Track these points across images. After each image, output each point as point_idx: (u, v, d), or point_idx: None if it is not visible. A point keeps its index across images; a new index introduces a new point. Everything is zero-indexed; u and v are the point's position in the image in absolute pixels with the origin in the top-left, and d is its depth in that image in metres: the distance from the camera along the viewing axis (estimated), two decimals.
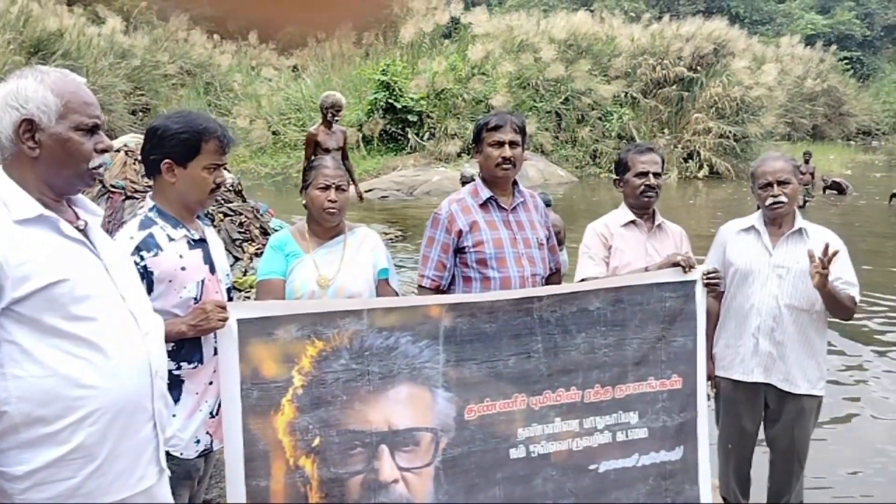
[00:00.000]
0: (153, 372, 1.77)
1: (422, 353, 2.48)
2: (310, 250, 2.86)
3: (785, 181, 3.04)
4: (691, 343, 2.90)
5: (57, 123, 1.70)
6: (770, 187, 3.05)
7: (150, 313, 1.89)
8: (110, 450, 1.67)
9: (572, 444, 2.69)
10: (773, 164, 3.08)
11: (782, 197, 3.03)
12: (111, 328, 1.69)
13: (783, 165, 3.07)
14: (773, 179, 3.04)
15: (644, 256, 3.09)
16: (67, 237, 1.71)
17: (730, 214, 17.83)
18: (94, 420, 1.63)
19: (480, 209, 2.95)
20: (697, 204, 19.91)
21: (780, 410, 3.12)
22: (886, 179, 22.62)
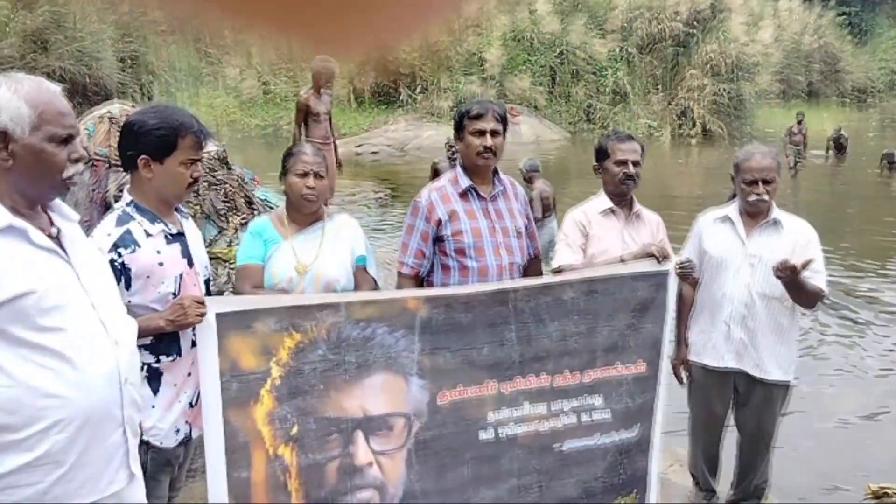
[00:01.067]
0: (122, 380, 1.81)
1: (398, 343, 2.54)
2: (288, 236, 2.89)
3: (770, 180, 3.08)
4: (658, 330, 3.00)
5: (31, 135, 1.70)
6: (755, 185, 3.09)
7: (122, 318, 1.91)
8: (77, 457, 1.71)
9: (539, 426, 2.79)
10: (761, 161, 3.11)
11: (765, 196, 3.08)
12: (79, 338, 1.72)
13: (770, 164, 3.10)
14: (759, 177, 3.08)
15: (620, 244, 3.14)
16: (37, 246, 1.72)
17: (721, 180, 17.76)
18: (61, 429, 1.67)
19: (460, 198, 2.97)
20: (689, 167, 19.90)
21: (749, 395, 3.22)
22: (879, 140, 22.55)
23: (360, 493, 2.47)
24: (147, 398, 2.30)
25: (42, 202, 1.82)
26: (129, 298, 2.23)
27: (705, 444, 3.42)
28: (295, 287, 2.81)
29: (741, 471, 3.37)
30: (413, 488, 2.56)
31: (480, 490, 2.68)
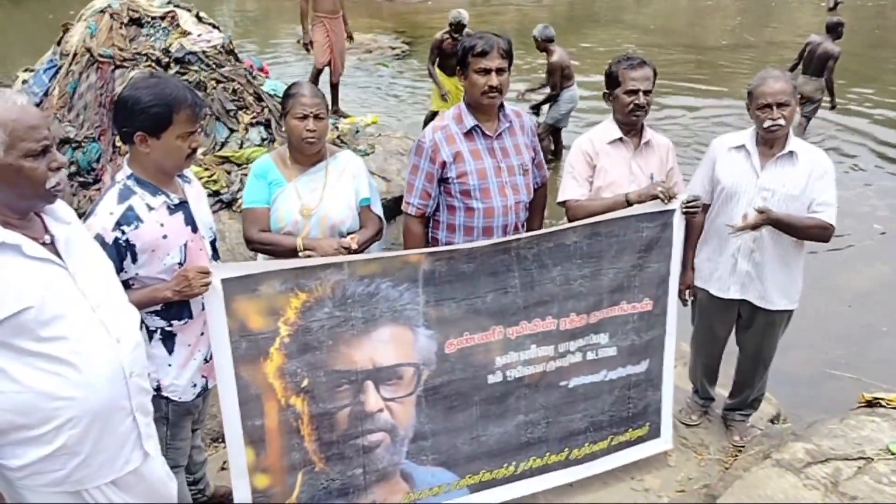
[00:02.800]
0: (127, 374, 1.91)
1: (402, 297, 2.61)
2: (292, 178, 2.89)
3: (784, 103, 2.95)
4: (665, 268, 3.01)
5: (6, 155, 1.70)
6: (769, 109, 2.96)
7: (123, 313, 1.98)
8: (92, 446, 1.87)
9: (546, 366, 2.90)
10: (774, 84, 2.96)
11: (781, 120, 2.95)
12: (81, 343, 1.81)
13: (783, 86, 2.95)
14: (773, 101, 2.95)
15: (628, 175, 3.09)
16: (31, 258, 1.77)
17: (760, 13, 16.70)
18: (73, 425, 1.82)
19: (465, 138, 2.91)
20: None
21: (751, 320, 3.28)
22: None
23: (371, 437, 2.65)
24: (163, 358, 2.44)
25: (32, 212, 1.85)
26: (137, 271, 2.30)
27: (706, 359, 3.55)
28: (300, 230, 2.86)
29: (739, 385, 3.51)
30: (423, 429, 2.73)
31: (489, 427, 2.85)
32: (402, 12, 17.04)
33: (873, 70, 10.57)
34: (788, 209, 3.03)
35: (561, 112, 7.60)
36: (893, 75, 11.56)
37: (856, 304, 5.60)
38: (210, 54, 5.08)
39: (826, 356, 4.96)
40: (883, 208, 7.37)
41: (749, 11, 17.28)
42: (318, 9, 7.04)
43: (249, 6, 19.70)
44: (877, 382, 4.61)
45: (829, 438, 3.16)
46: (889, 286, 5.84)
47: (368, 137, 6.21)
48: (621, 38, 14.67)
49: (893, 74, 11.58)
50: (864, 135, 9.41)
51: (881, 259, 6.28)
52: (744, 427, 3.54)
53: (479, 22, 14.64)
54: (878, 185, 7.95)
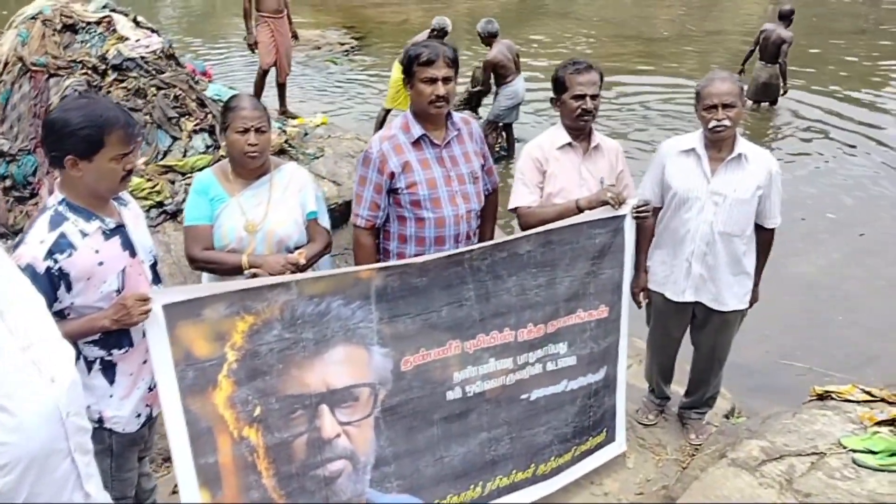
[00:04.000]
0: (63, 415, 1.81)
1: (354, 315, 2.54)
2: (235, 193, 2.81)
3: (730, 104, 2.96)
4: (618, 273, 3.01)
5: None
6: (714, 109, 2.98)
7: (56, 350, 1.88)
8: (29, 491, 1.76)
9: (506, 379, 2.86)
10: (721, 85, 2.98)
11: (726, 121, 2.97)
12: (13, 386, 1.71)
13: (730, 87, 2.97)
14: (719, 102, 2.96)
15: (578, 180, 3.07)
16: None
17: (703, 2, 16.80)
18: (8, 471, 1.71)
19: (413, 147, 2.86)
20: None
21: (706, 321, 3.32)
22: None
23: (331, 465, 2.55)
24: (104, 389, 2.34)
25: None
26: (72, 301, 2.19)
27: (662, 360, 3.57)
28: (245, 246, 2.78)
29: (695, 384, 3.54)
30: (384, 453, 2.65)
31: (452, 446, 2.78)
32: (350, 6, 16.83)
33: (808, 58, 10.84)
34: (739, 213, 3.08)
35: (502, 107, 7.56)
36: (824, 63, 11.84)
37: (807, 292, 5.71)
38: (149, 60, 4.91)
39: (779, 346, 5.06)
40: (833, 193, 7.53)
41: (693, 2, 17.52)
42: (261, 8, 6.89)
43: (194, 1, 19.27)
44: (829, 371, 4.73)
45: (782, 434, 3.20)
46: (839, 274, 5.97)
47: (318, 140, 6.09)
48: (569, 31, 14.72)
49: (824, 63, 11.87)
50: (802, 118, 9.65)
51: (832, 246, 6.42)
52: (700, 425, 3.57)
53: (428, 16, 14.55)
54: (826, 170, 8.12)
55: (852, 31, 12.29)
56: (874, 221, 6.87)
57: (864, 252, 6.30)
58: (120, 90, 4.73)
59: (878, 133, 9.15)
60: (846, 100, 10.28)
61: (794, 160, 8.42)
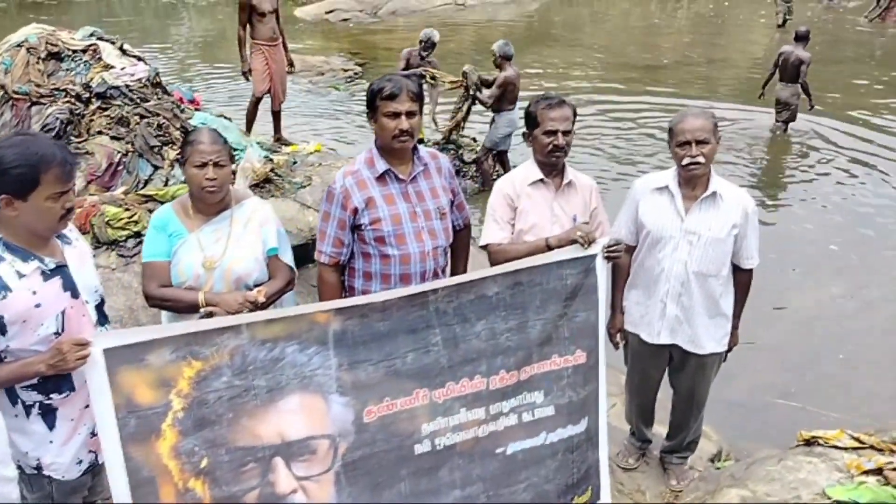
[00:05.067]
0: None
1: (311, 361, 2.42)
2: (194, 228, 2.74)
3: (703, 140, 2.88)
4: (594, 316, 2.87)
5: None
6: (688, 146, 2.89)
7: None
8: None
9: (478, 431, 2.70)
10: (693, 121, 2.89)
11: (700, 157, 2.88)
12: None
13: (703, 124, 2.88)
14: (692, 138, 2.87)
15: (550, 217, 2.98)
16: None
17: (710, 32, 16.91)
18: None
19: (377, 182, 2.78)
20: (679, 18, 19.04)
21: (683, 364, 3.20)
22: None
23: None
24: (43, 434, 2.26)
25: None
26: (7, 344, 2.12)
27: (641, 402, 3.45)
28: (203, 284, 2.70)
29: (675, 427, 3.43)
30: None
31: None
32: (356, 33, 16.96)
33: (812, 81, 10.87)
34: (714, 252, 2.98)
35: (499, 135, 7.49)
36: (823, 90, 11.73)
37: (803, 328, 5.57)
38: (134, 88, 4.89)
39: (773, 384, 4.91)
40: (838, 222, 7.39)
41: (700, 31, 17.52)
42: (256, 36, 6.88)
43: (207, 26, 19.44)
44: (822, 410, 4.58)
45: (765, 483, 3.07)
46: (838, 309, 5.82)
47: (308, 167, 6.03)
48: (575, 57, 14.72)
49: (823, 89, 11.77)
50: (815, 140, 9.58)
51: (831, 280, 6.27)
52: (681, 470, 3.44)
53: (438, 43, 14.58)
54: (831, 198, 7.99)
55: (855, 58, 12.19)
56: (877, 254, 6.71)
57: (864, 286, 6.15)
58: (103, 118, 4.71)
59: None
60: (863, 124, 10.18)
61: (803, 185, 8.35)
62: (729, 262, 3.03)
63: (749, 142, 9.74)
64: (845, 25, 17.13)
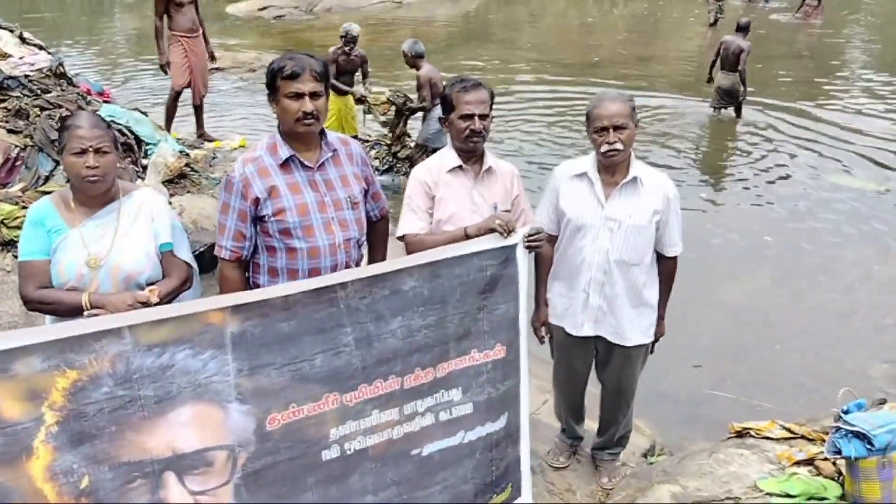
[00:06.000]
0: None
1: (206, 367, 2.20)
2: (76, 223, 2.48)
3: (621, 126, 2.76)
4: (513, 308, 2.73)
5: None
6: (605, 132, 2.78)
7: None
8: None
9: (392, 432, 2.53)
10: (610, 106, 2.78)
11: (618, 144, 2.77)
12: None
13: (620, 108, 2.77)
14: (609, 124, 2.76)
15: (470, 206, 2.83)
16: None
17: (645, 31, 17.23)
18: None
19: (280, 170, 2.57)
20: (615, 17, 19.23)
21: (608, 357, 3.10)
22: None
23: None
24: None
25: None
26: None
27: (569, 397, 3.34)
28: (87, 284, 2.45)
29: (604, 422, 3.32)
30: None
31: None
32: (291, 30, 16.59)
33: (758, 77, 11.11)
34: (635, 240, 2.88)
35: (431, 130, 7.32)
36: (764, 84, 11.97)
37: (737, 318, 5.56)
38: (34, 79, 4.56)
39: (706, 375, 4.88)
40: (774, 213, 7.44)
41: (635, 29, 17.72)
42: (174, 27, 6.55)
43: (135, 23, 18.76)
44: (755, 401, 4.55)
45: (696, 478, 2.98)
46: (769, 300, 5.84)
47: (230, 163, 5.77)
48: (512, 53, 14.69)
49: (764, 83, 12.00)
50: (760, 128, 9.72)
51: (764, 270, 6.29)
52: (613, 467, 3.34)
53: (371, 40, 14.35)
54: (770, 188, 8.06)
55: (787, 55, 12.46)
56: (809, 245, 6.77)
57: (795, 276, 6.20)
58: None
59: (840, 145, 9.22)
60: (802, 115, 10.38)
61: (742, 175, 8.44)
62: (652, 250, 2.94)
63: (688, 132, 9.85)
64: (770, 20, 17.57)
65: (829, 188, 7.91)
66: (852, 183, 7.98)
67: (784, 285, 6.05)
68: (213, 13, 17.91)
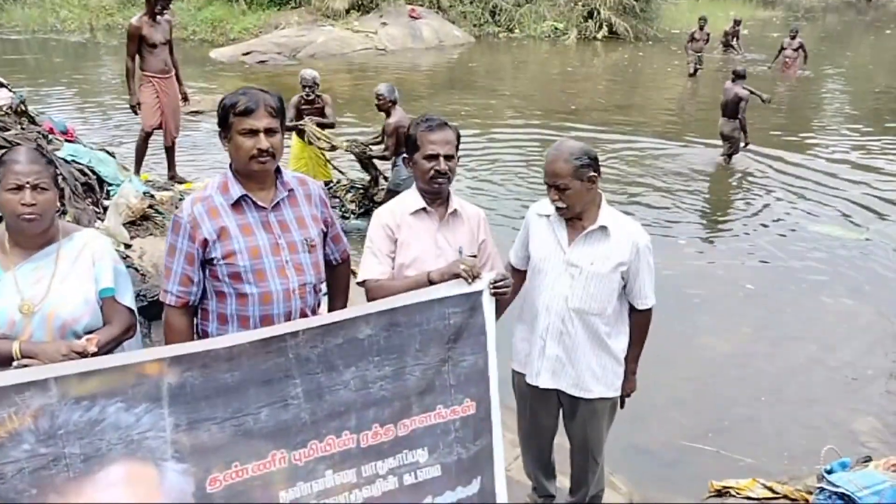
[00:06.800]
0: None
1: (140, 422, 2.03)
2: (10, 266, 2.32)
3: (560, 187, 2.70)
4: (482, 361, 2.56)
5: None
6: (551, 189, 2.74)
7: None
8: None
9: (350, 496, 2.34)
10: (551, 165, 2.73)
11: (560, 202, 2.72)
12: None
13: (560, 168, 2.70)
14: (551, 183, 2.72)
15: (434, 250, 2.70)
16: None
17: (626, 80, 17.50)
18: None
19: (232, 210, 2.43)
20: (596, 67, 19.49)
21: (573, 411, 2.97)
22: (781, 37, 22.62)
23: None
24: None
25: None
26: None
27: (536, 452, 3.18)
28: (20, 332, 2.28)
29: (575, 481, 3.17)
30: None
31: None
32: (273, 75, 16.59)
33: (709, 129, 11.22)
34: (596, 289, 2.76)
35: (401, 177, 7.20)
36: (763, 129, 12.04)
37: (718, 368, 5.42)
38: None
39: (686, 427, 4.69)
40: (757, 261, 7.35)
41: (617, 78, 17.94)
42: (146, 68, 6.47)
43: (119, 67, 18.77)
44: (736, 455, 4.39)
45: None
46: (752, 349, 5.70)
47: None
48: (496, 100, 14.77)
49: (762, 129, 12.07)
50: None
51: (745, 319, 6.18)
52: None
53: (356, 87, 14.39)
54: (755, 236, 7.98)
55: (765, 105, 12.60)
56: (790, 294, 6.68)
57: (777, 326, 6.09)
58: None
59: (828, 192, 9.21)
60: (784, 163, 10.39)
61: (727, 221, 8.41)
62: (615, 300, 2.81)
63: (669, 177, 9.83)
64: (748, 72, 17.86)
65: (810, 237, 7.86)
66: (833, 232, 7.94)
67: (765, 335, 5.93)
68: (198, 58, 17.97)
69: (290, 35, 19.06)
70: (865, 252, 7.50)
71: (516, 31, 22.60)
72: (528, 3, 22.98)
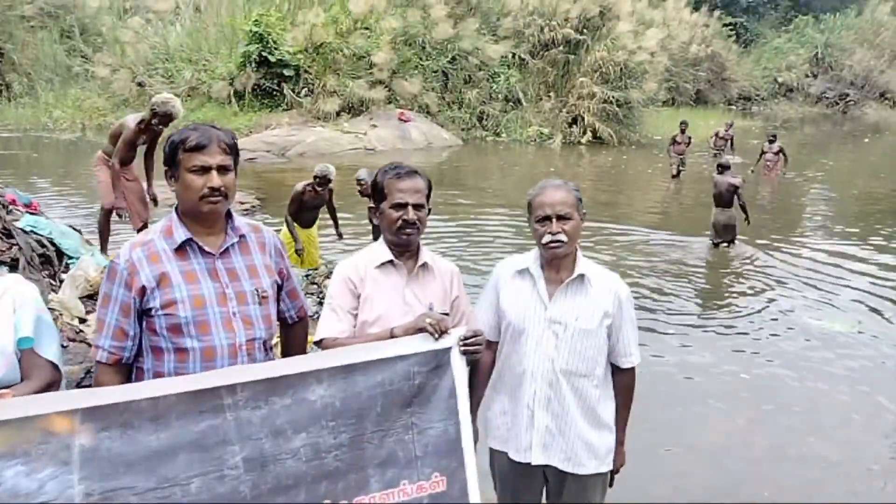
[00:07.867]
0: None
1: (43, 489, 1.73)
2: None
3: (565, 216, 2.49)
4: (453, 429, 2.27)
5: None
6: (548, 222, 2.50)
7: None
8: None
9: None
10: (553, 194, 2.53)
11: (561, 235, 2.49)
12: None
13: (564, 197, 2.52)
14: (552, 213, 2.50)
15: (402, 306, 2.46)
16: None
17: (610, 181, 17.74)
18: None
19: (175, 256, 2.20)
20: (581, 168, 19.80)
21: (560, 488, 2.65)
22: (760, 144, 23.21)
23: None
24: None
25: None
26: None
27: None
28: None
29: None
30: None
31: None
32: (261, 171, 16.73)
33: (696, 225, 11.37)
34: (584, 346, 2.53)
35: None
36: None
37: (714, 462, 5.07)
38: None
39: None
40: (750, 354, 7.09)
41: (601, 178, 18.19)
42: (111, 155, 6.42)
43: None
44: None
45: None
46: (750, 441, 5.37)
47: None
48: (485, 199, 14.85)
49: None
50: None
51: (740, 410, 5.86)
52: None
53: (345, 184, 14.44)
54: (751, 326, 7.77)
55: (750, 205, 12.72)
56: (787, 385, 6.39)
57: (773, 417, 5.77)
58: None
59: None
60: (776, 258, 10.35)
61: (723, 311, 8.23)
62: (604, 359, 2.58)
63: (661, 266, 9.71)
64: None
65: (804, 329, 7.66)
66: (826, 325, 7.76)
67: (761, 429, 5.61)
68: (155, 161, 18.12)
69: (280, 134, 19.36)
70: (860, 344, 7.31)
71: (503, 135, 23.11)
72: (515, 110, 23.61)
